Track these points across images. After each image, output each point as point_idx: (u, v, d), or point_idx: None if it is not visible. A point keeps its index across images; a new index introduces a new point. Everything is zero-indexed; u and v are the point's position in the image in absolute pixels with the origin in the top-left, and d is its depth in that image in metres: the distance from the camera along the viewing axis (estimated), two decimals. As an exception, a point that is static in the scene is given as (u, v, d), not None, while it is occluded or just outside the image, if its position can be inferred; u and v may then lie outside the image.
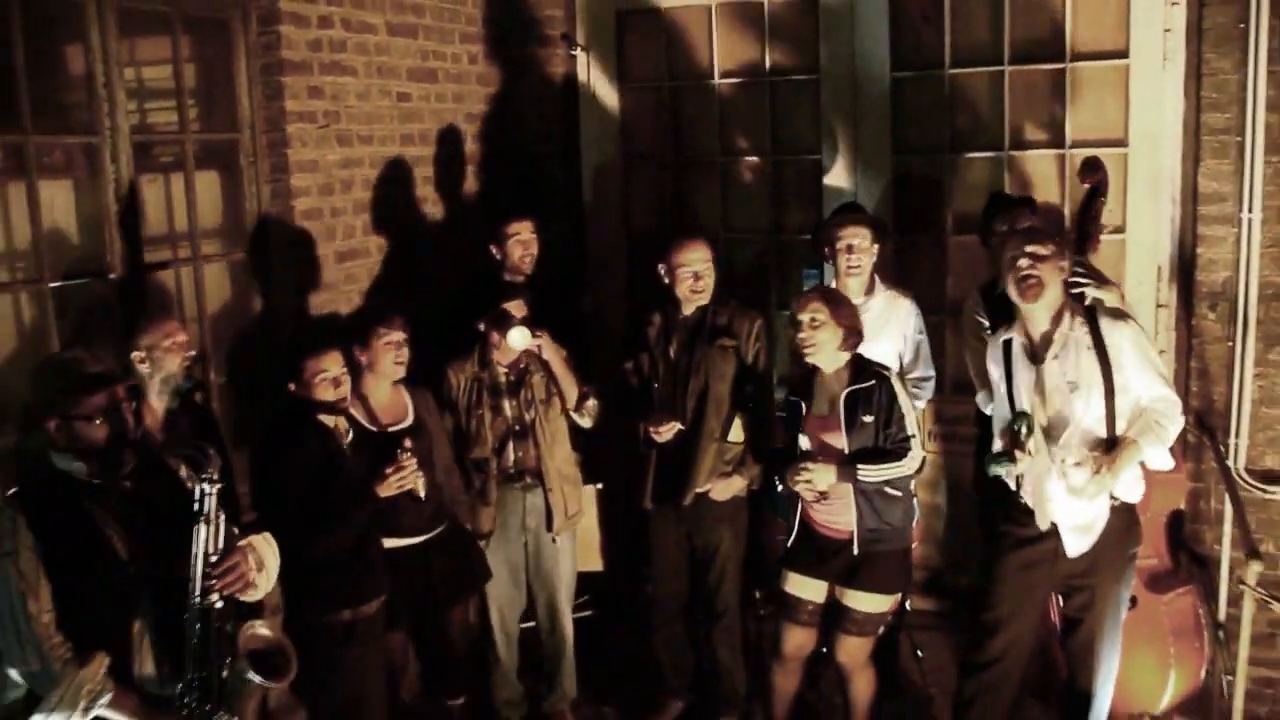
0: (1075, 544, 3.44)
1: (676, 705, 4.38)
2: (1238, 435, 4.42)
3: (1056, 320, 3.42)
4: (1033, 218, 4.06)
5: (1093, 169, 4.05)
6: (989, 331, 3.95)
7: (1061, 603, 3.69)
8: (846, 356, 3.67)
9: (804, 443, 3.72)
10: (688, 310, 4.08)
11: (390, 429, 3.71)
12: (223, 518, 2.55)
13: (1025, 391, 3.46)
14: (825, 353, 3.64)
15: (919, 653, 4.41)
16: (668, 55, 5.22)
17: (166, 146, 3.86)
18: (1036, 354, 3.45)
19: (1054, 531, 3.45)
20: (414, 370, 3.82)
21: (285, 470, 3.32)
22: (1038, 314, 3.42)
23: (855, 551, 3.65)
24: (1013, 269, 3.36)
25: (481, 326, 3.97)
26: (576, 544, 4.29)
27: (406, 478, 3.47)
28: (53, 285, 3.37)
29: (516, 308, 3.93)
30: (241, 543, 2.64)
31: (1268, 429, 4.42)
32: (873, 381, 3.63)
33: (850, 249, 4.16)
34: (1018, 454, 3.37)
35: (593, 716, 4.44)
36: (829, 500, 3.68)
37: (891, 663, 4.40)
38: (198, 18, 3.85)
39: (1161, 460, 3.47)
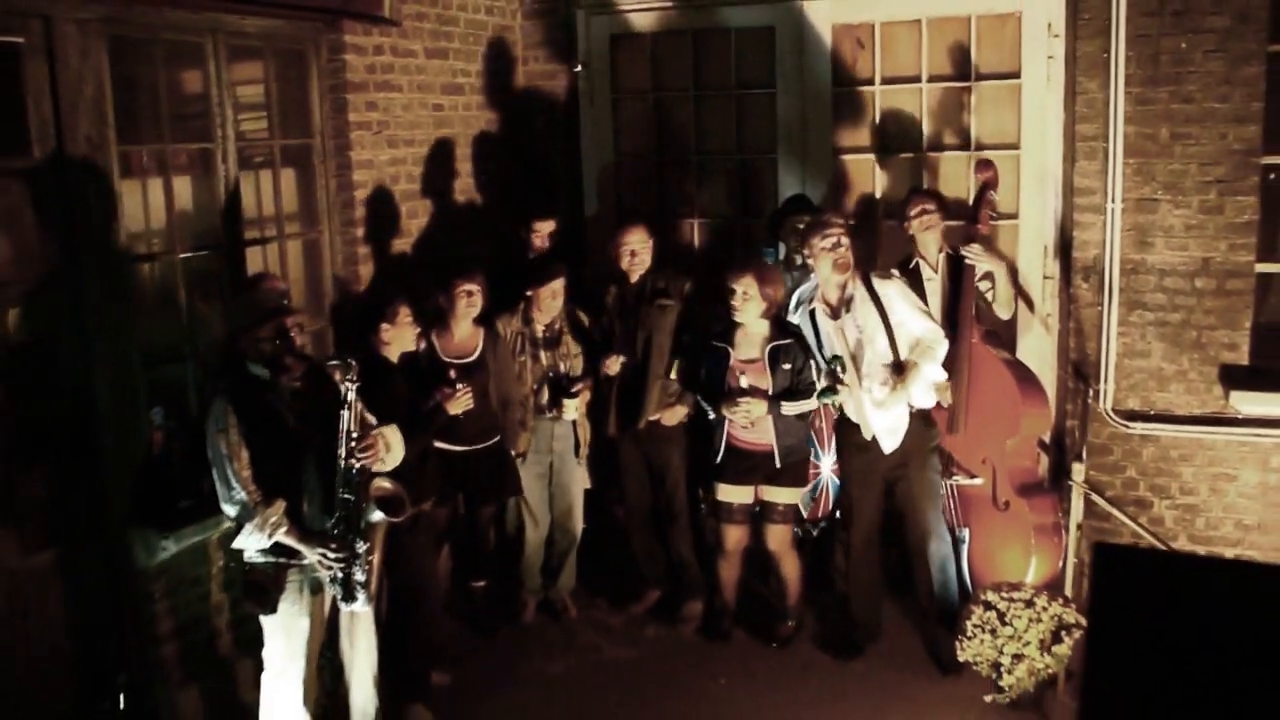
0: (888, 444, 4.63)
1: (653, 595, 5.46)
2: (1106, 382, 5.48)
3: (844, 287, 4.58)
4: (928, 200, 5.12)
5: (984, 166, 5.14)
6: None
7: (892, 495, 4.85)
8: (768, 320, 4.74)
9: (743, 381, 4.77)
10: (634, 279, 5.11)
11: (456, 361, 4.76)
12: (360, 405, 3.67)
13: (834, 340, 4.62)
14: (749, 316, 4.72)
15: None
16: (653, 72, 6.22)
17: (259, 149, 4.89)
18: (836, 312, 4.61)
19: (875, 437, 4.62)
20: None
21: (387, 393, 4.32)
22: (832, 284, 4.57)
23: (777, 463, 4.75)
24: (830, 253, 4.55)
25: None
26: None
27: (461, 399, 4.57)
28: (181, 256, 4.47)
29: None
30: (375, 430, 3.77)
31: (1129, 377, 5.48)
32: (790, 340, 4.72)
33: (798, 231, 5.25)
34: (839, 387, 4.51)
35: (588, 605, 5.51)
36: (756, 425, 4.77)
37: (825, 564, 5.48)
38: (283, 49, 4.89)
39: (938, 373, 4.62)
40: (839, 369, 4.54)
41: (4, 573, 3.78)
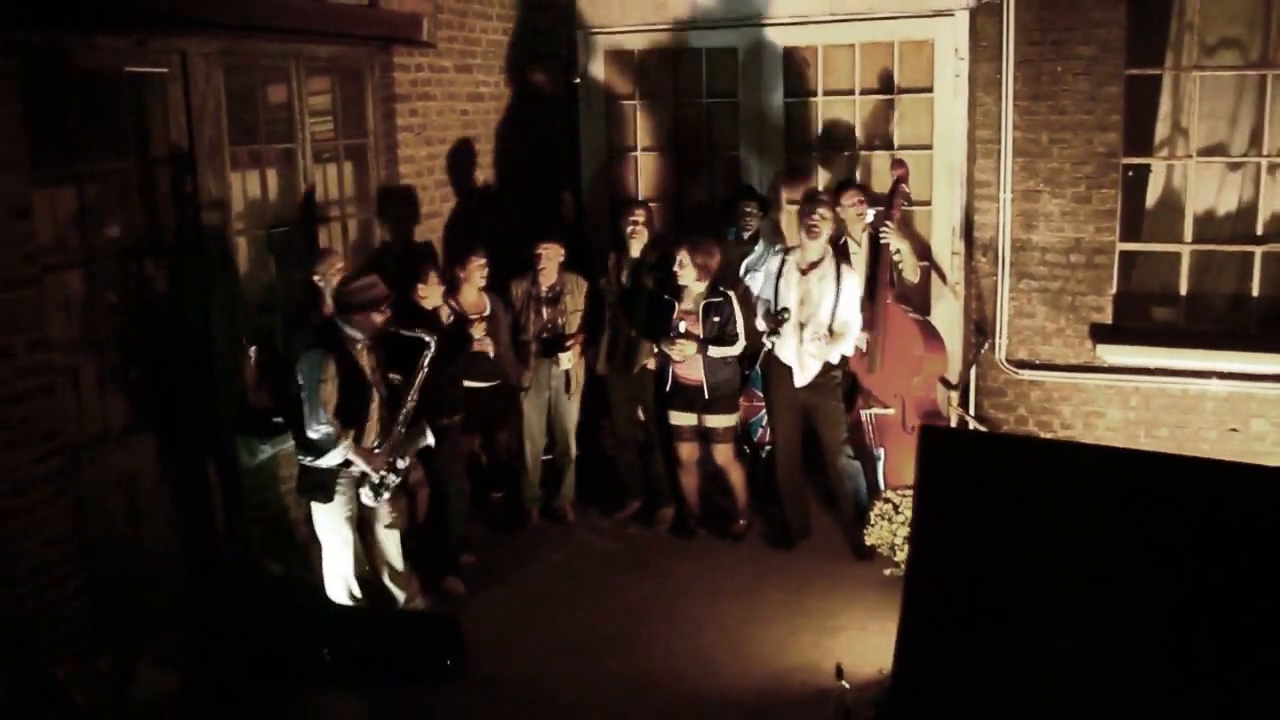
0: (801, 379, 5.91)
1: (634, 504, 6.76)
2: (1001, 337, 6.83)
3: (822, 258, 5.82)
4: (859, 192, 6.44)
5: (898, 164, 6.46)
6: None
7: (810, 421, 6.12)
8: (705, 282, 5.99)
9: (681, 327, 6.03)
10: (634, 251, 6.37)
11: (474, 316, 6.00)
12: (425, 374, 5.02)
13: (790, 292, 5.84)
14: (688, 278, 5.97)
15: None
16: (640, 82, 7.50)
17: (327, 148, 6.15)
18: (804, 272, 5.85)
19: (791, 372, 5.91)
20: (494, 282, 6.12)
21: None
22: (813, 249, 5.82)
23: (705, 395, 6.05)
24: (805, 219, 5.81)
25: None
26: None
27: (483, 339, 5.85)
28: (270, 231, 5.79)
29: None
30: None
31: (1019, 333, 6.82)
32: (721, 298, 6.00)
33: (746, 214, 6.56)
34: (781, 330, 5.79)
35: (582, 512, 6.83)
36: (689, 364, 6.06)
37: (770, 481, 6.79)
38: (346, 68, 6.17)
39: (849, 348, 5.92)
40: (784, 317, 5.80)
41: (153, 466, 5.13)
